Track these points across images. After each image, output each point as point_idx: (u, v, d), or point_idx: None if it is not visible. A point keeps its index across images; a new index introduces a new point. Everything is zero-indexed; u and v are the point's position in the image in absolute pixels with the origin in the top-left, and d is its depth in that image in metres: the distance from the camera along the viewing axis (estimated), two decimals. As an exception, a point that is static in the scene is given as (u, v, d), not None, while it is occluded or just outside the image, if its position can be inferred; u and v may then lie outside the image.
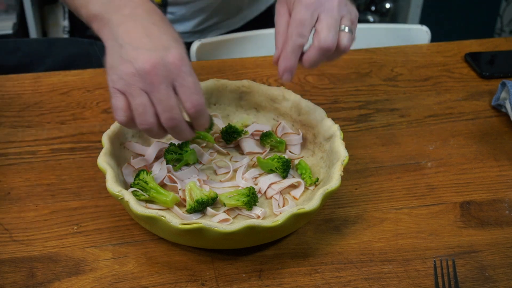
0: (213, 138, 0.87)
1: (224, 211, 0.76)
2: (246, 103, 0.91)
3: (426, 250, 0.77)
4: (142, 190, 0.76)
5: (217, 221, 0.73)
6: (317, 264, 0.74)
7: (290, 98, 0.88)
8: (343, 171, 0.75)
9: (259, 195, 0.79)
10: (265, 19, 1.41)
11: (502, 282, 0.73)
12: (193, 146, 0.85)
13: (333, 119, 0.84)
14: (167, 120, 0.69)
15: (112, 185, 0.72)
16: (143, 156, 0.83)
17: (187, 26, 1.31)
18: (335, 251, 0.76)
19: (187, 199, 0.76)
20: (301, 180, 0.81)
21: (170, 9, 1.26)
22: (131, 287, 0.71)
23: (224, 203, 0.76)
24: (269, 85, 0.95)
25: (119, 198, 0.71)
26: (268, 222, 0.68)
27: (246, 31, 1.30)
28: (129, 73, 0.68)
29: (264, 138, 0.87)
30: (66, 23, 1.40)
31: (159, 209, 0.72)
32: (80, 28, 1.39)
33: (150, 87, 0.68)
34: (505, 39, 1.24)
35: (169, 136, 0.87)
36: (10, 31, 2.18)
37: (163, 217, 0.68)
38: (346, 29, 0.76)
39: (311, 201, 0.71)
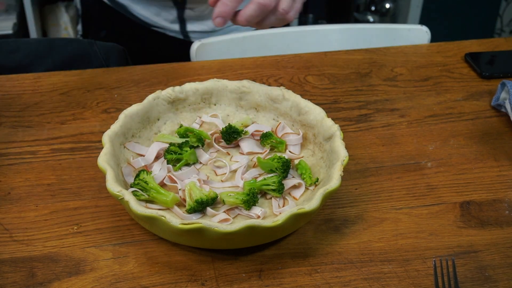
0: (208, 135, 0.87)
1: (224, 211, 0.77)
2: (246, 103, 0.91)
3: (426, 250, 0.77)
4: (142, 190, 0.77)
5: (217, 221, 0.73)
6: (317, 264, 0.74)
7: (290, 98, 0.88)
8: (343, 171, 0.75)
9: (259, 195, 0.80)
10: None
11: (502, 282, 0.73)
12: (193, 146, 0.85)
13: (333, 119, 0.85)
14: None
15: (112, 185, 0.72)
16: (143, 156, 0.83)
17: (205, 25, 1.31)
18: (335, 251, 0.76)
19: (187, 199, 0.76)
20: (302, 181, 0.81)
21: (189, 5, 1.26)
22: (131, 287, 0.71)
23: (223, 201, 0.76)
24: (269, 85, 0.95)
25: (119, 198, 0.71)
26: (268, 222, 0.68)
27: (246, 31, 1.30)
28: None
29: (264, 138, 0.87)
30: (79, 27, 1.41)
31: (159, 209, 0.72)
32: (93, 31, 1.39)
33: None
34: (505, 39, 1.24)
35: (169, 134, 0.88)
36: (10, 31, 2.19)
37: (163, 217, 0.68)
38: None
39: (311, 201, 0.71)
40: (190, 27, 1.30)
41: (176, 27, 1.31)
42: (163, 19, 1.29)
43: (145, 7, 1.29)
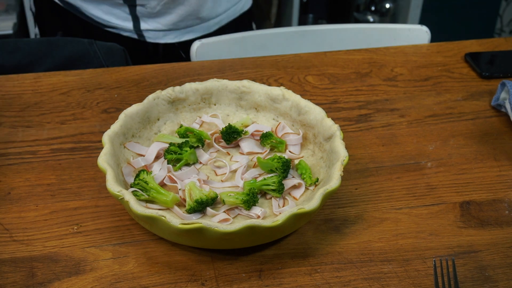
0: (208, 135, 0.87)
1: (224, 211, 0.77)
2: (246, 103, 0.91)
3: (426, 250, 0.77)
4: (142, 190, 0.77)
5: (217, 221, 0.73)
6: (317, 264, 0.74)
7: (290, 98, 0.88)
8: (343, 171, 0.75)
9: (259, 196, 0.80)
10: (240, 24, 1.40)
11: (502, 282, 0.73)
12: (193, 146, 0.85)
13: (333, 119, 0.85)
14: None
15: (112, 185, 0.72)
16: (143, 156, 0.83)
17: (159, 23, 1.29)
18: (335, 251, 0.76)
19: (187, 199, 0.76)
20: (302, 181, 0.81)
21: (139, 1, 1.24)
22: (131, 287, 0.71)
23: (223, 201, 0.76)
24: (269, 85, 0.95)
25: (119, 198, 0.71)
26: (268, 222, 0.68)
27: (246, 31, 1.30)
28: None
29: (264, 138, 0.87)
30: (36, 29, 1.40)
31: (159, 209, 0.72)
32: (49, 32, 1.37)
33: None
34: (505, 39, 1.24)
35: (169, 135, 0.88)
36: (10, 31, 2.18)
37: (163, 217, 0.68)
38: None
39: (311, 201, 0.71)
40: (144, 25, 1.28)
41: (129, 25, 1.28)
42: (116, 18, 1.27)
43: (96, 6, 1.27)
